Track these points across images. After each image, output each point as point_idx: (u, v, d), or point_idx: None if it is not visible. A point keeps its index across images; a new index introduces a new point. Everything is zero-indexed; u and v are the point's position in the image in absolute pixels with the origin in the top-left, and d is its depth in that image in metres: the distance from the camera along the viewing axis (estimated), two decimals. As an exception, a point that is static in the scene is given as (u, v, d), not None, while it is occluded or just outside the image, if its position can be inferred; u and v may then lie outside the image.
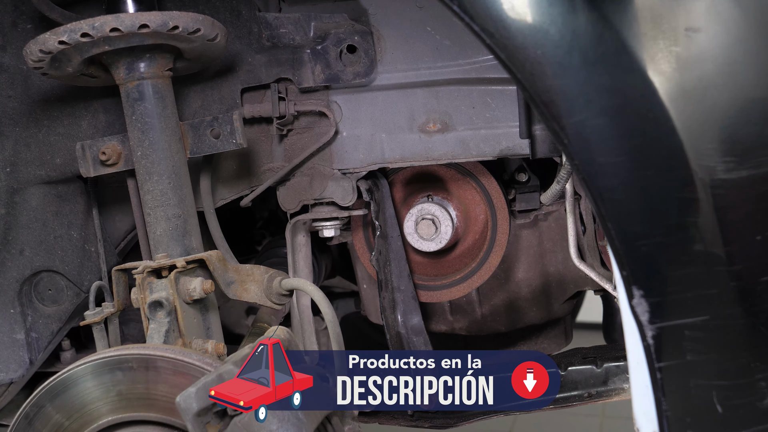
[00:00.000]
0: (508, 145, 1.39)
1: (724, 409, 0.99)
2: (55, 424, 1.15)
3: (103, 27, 1.11)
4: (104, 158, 1.28)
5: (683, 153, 0.93)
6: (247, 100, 1.43)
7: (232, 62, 1.39)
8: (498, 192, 1.53)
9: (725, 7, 0.94)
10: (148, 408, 1.13)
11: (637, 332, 0.98)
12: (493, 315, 1.69)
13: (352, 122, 1.43)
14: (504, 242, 1.55)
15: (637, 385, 1.01)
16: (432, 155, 1.42)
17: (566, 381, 1.58)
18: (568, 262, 1.57)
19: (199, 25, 1.17)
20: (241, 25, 1.38)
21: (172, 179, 1.23)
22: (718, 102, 0.94)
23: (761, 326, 0.98)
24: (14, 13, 1.35)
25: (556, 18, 0.92)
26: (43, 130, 1.40)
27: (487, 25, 0.93)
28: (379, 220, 1.53)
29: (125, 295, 1.37)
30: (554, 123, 0.94)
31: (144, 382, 1.12)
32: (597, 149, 0.94)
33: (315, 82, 1.39)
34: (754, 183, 0.95)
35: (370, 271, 1.63)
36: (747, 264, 0.97)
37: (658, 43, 0.92)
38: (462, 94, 1.39)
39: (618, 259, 0.97)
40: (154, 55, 1.20)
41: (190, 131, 1.28)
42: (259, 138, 1.46)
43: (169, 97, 1.24)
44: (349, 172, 1.45)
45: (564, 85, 0.93)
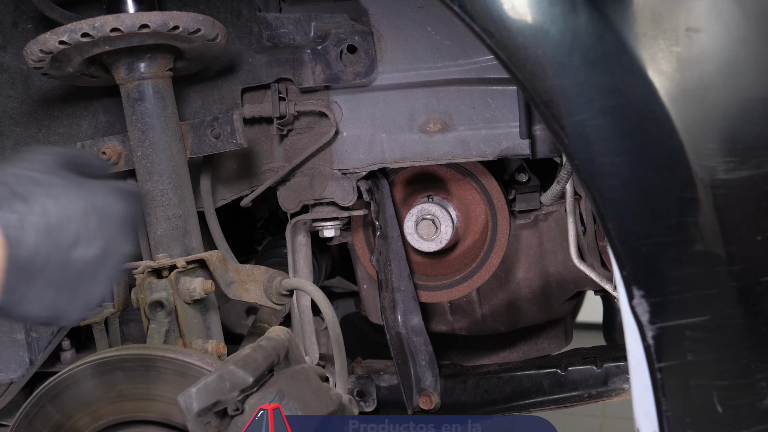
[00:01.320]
0: (509, 146, 1.39)
1: (724, 409, 0.99)
2: (56, 424, 1.15)
3: (103, 27, 1.11)
4: (104, 158, 1.28)
5: (684, 153, 0.93)
6: (247, 100, 1.43)
7: (232, 62, 1.39)
8: (498, 192, 1.53)
9: (726, 7, 0.94)
10: (148, 408, 1.13)
11: (638, 332, 0.98)
12: (493, 315, 1.69)
13: (353, 122, 1.43)
14: (504, 242, 1.55)
15: (637, 385, 1.01)
16: (432, 155, 1.42)
17: (566, 381, 1.58)
18: (569, 262, 1.57)
19: (199, 25, 1.17)
20: (242, 25, 1.37)
21: (172, 179, 1.23)
22: (719, 102, 0.94)
23: (762, 326, 0.98)
24: (15, 13, 1.35)
25: (556, 18, 0.92)
26: (43, 130, 1.40)
27: (487, 25, 0.93)
28: (380, 221, 1.53)
29: (125, 295, 1.37)
30: (555, 123, 0.94)
31: (144, 382, 1.12)
32: (597, 149, 0.94)
33: (315, 82, 1.39)
34: (754, 183, 0.95)
35: (370, 271, 1.63)
36: (747, 264, 0.97)
37: (659, 43, 0.92)
38: (462, 94, 1.39)
39: (618, 259, 0.97)
40: (155, 55, 1.20)
41: (190, 131, 1.28)
42: (259, 138, 1.46)
43: (170, 97, 1.24)
44: (350, 172, 1.45)
45: (564, 85, 0.93)
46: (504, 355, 1.78)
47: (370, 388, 1.66)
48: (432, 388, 1.59)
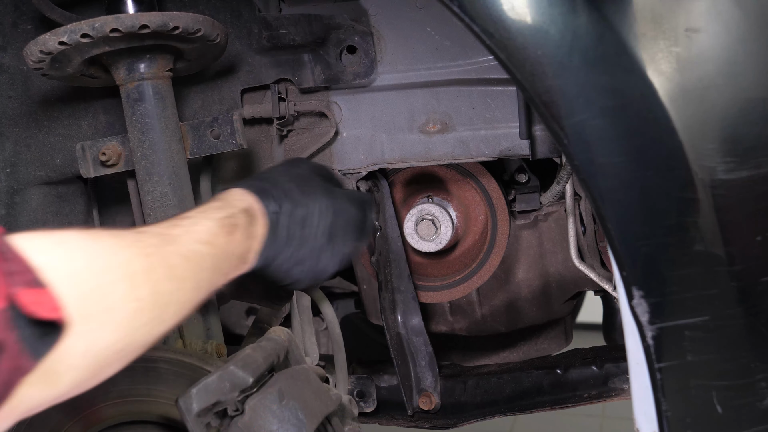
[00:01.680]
0: (508, 146, 1.39)
1: (724, 409, 0.99)
2: (56, 424, 1.15)
3: (103, 28, 1.11)
4: (104, 159, 1.27)
5: (683, 153, 0.93)
6: (247, 101, 1.43)
7: (232, 63, 1.39)
8: (498, 192, 1.53)
9: (725, 8, 0.94)
10: (148, 408, 1.13)
11: (637, 333, 0.98)
12: (493, 315, 1.69)
13: (352, 123, 1.43)
14: (504, 243, 1.55)
15: (637, 385, 1.01)
16: (432, 156, 1.42)
17: (566, 381, 1.58)
18: (568, 262, 1.57)
19: (199, 25, 1.17)
20: (242, 25, 1.37)
21: (172, 180, 1.23)
22: (718, 102, 0.94)
23: (761, 327, 0.98)
24: (15, 14, 1.35)
25: (556, 18, 0.92)
26: (43, 130, 1.40)
27: (487, 26, 0.93)
28: (379, 221, 1.53)
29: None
30: (554, 123, 0.94)
31: (144, 383, 1.12)
32: (597, 150, 0.94)
33: (315, 83, 1.39)
34: (754, 183, 0.95)
35: (370, 271, 1.63)
36: (747, 264, 0.97)
37: (659, 44, 0.92)
38: (462, 95, 1.39)
39: (618, 260, 0.97)
40: (155, 56, 1.20)
41: (190, 132, 1.28)
42: (259, 138, 1.46)
43: (170, 97, 1.24)
44: (349, 172, 1.45)
45: (564, 85, 0.93)
46: (504, 355, 1.78)
47: (370, 389, 1.66)
48: (432, 388, 1.59)
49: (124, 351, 0.78)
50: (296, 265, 1.07)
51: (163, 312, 0.82)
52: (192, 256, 0.89)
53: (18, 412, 0.69)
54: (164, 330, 0.84)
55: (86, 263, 0.74)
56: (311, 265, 1.08)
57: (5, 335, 0.62)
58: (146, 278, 0.80)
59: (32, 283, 0.66)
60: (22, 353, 0.64)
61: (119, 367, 0.80)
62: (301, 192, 1.07)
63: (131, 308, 0.77)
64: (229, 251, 0.96)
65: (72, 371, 0.72)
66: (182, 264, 0.87)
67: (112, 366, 0.79)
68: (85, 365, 0.73)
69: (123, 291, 0.76)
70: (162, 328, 0.83)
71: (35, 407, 0.71)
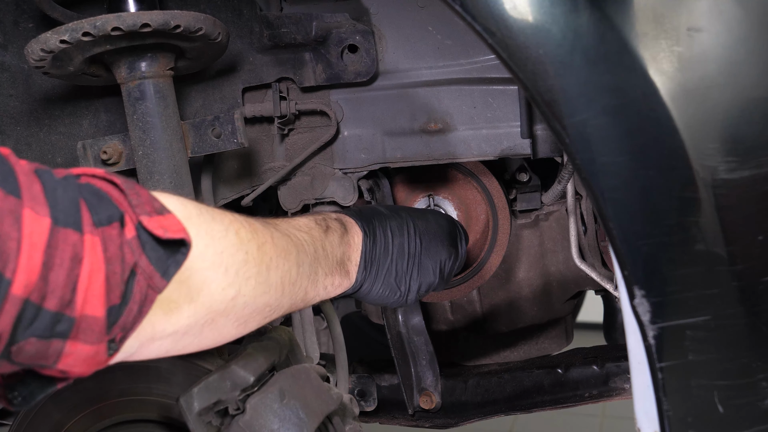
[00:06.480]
0: (510, 145, 1.39)
1: (725, 409, 0.99)
2: (56, 423, 1.15)
3: (104, 26, 1.11)
4: (105, 157, 1.27)
5: (685, 153, 0.93)
6: (248, 100, 1.43)
7: (233, 61, 1.39)
8: (499, 192, 1.53)
9: (727, 7, 0.94)
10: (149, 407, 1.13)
11: (639, 332, 0.98)
12: (493, 315, 1.69)
13: (354, 122, 1.43)
14: (505, 242, 1.55)
15: (638, 385, 1.01)
16: (433, 155, 1.42)
17: (567, 381, 1.58)
18: (569, 261, 1.57)
19: (200, 24, 1.17)
20: (243, 24, 1.37)
21: (173, 179, 1.23)
22: (720, 102, 0.94)
23: (763, 326, 0.98)
24: (16, 12, 1.35)
25: (558, 17, 0.92)
26: (44, 129, 1.40)
27: (488, 25, 0.93)
28: (380, 220, 1.52)
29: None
30: (556, 122, 0.94)
31: (145, 382, 1.12)
32: (599, 149, 0.94)
33: (316, 82, 1.39)
34: (755, 183, 0.95)
35: (371, 270, 1.62)
36: (749, 264, 0.97)
37: (660, 43, 0.92)
38: (463, 94, 1.39)
39: (619, 259, 0.97)
40: (156, 55, 1.20)
41: (191, 131, 1.28)
42: (260, 137, 1.46)
43: (171, 96, 1.24)
44: (350, 171, 1.45)
45: (566, 84, 0.93)
46: (504, 354, 1.78)
47: (371, 388, 1.66)
48: (432, 387, 1.59)
49: (234, 301, 0.82)
50: (401, 276, 1.14)
51: (268, 274, 0.87)
52: (292, 237, 0.94)
53: (141, 340, 0.74)
54: (270, 300, 0.88)
55: (197, 211, 0.81)
56: (415, 274, 1.16)
57: (139, 258, 0.69)
58: (252, 237, 0.86)
59: (158, 210, 0.73)
60: (154, 273, 0.70)
61: (232, 325, 0.85)
62: (387, 209, 1.20)
63: (240, 258, 0.83)
64: (327, 248, 1.02)
65: (190, 306, 0.78)
66: (284, 239, 0.92)
67: (226, 315, 0.83)
68: (200, 302, 0.79)
69: (232, 240, 0.82)
70: (268, 296, 0.87)
71: (156, 336, 0.76)
